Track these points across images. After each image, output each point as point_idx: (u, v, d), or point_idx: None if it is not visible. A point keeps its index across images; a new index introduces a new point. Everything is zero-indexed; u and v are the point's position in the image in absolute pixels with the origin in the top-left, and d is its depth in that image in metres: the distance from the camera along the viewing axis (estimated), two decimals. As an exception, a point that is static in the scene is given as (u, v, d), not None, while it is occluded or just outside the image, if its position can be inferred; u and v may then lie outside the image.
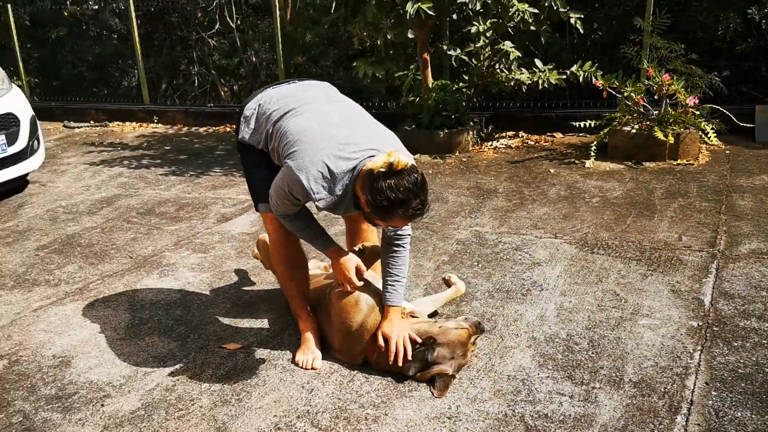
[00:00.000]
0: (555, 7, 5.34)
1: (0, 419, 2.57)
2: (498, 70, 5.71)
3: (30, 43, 10.15)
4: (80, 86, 9.39)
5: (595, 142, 5.52)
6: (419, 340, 2.65)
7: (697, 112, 5.43)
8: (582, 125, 5.77)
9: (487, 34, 5.35)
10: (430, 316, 3.09)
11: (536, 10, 5.30)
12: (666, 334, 2.88)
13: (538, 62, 5.99)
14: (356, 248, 2.92)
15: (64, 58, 9.89)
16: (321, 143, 2.44)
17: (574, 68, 5.88)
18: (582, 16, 5.54)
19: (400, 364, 2.63)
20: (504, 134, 6.55)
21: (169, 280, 3.76)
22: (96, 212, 5.05)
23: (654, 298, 3.20)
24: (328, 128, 2.51)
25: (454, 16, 5.67)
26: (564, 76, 5.88)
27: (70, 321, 3.33)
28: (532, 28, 5.52)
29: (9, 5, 8.82)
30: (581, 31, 5.58)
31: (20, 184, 5.85)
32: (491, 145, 6.21)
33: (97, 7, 10.13)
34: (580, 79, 5.83)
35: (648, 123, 5.48)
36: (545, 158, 5.74)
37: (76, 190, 5.71)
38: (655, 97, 5.52)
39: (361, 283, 2.75)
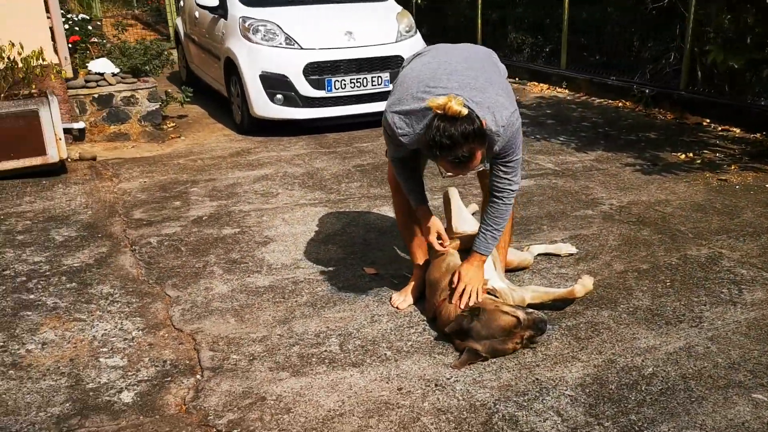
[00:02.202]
0: None
1: (193, 262, 3.56)
2: None
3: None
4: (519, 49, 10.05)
5: None
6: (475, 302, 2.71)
7: None
8: None
9: None
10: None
11: None
12: (765, 418, 2.27)
13: None
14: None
15: (514, 21, 10.65)
16: (411, 84, 2.62)
17: None
18: None
19: (462, 306, 2.72)
20: None
21: (400, 212, 4.29)
22: (425, 150, 5.78)
23: (818, 383, 2.46)
24: (422, 73, 2.65)
25: None
26: None
27: (304, 219, 4.17)
28: None
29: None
30: None
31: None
32: None
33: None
34: None
35: None
36: None
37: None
38: None
39: (440, 247, 2.89)
